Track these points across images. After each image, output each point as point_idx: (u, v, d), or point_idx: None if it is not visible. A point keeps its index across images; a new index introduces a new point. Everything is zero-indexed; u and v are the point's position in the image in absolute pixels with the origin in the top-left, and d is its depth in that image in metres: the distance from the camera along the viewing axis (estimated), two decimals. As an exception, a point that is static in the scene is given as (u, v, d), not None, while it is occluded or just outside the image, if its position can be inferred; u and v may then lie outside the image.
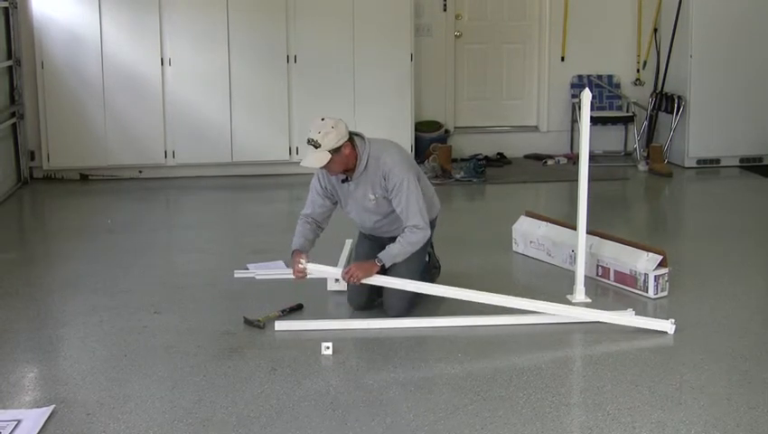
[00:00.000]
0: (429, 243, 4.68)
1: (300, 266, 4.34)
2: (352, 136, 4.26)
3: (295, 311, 4.46)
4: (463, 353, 4.00)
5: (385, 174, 4.27)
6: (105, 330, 4.30)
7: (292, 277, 4.42)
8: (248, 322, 4.30)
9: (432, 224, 4.62)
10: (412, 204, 4.27)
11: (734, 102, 8.21)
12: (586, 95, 4.51)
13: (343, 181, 4.35)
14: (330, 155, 4.15)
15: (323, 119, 4.21)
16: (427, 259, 4.71)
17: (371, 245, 4.56)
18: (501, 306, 4.51)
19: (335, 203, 4.49)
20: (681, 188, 7.91)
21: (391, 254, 4.29)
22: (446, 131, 8.68)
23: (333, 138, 4.14)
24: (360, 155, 4.27)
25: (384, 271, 4.32)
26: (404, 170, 4.29)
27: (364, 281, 4.28)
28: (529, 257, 5.44)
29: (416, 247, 4.32)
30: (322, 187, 4.44)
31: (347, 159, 4.23)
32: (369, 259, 4.43)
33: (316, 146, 4.14)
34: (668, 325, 4.21)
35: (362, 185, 4.33)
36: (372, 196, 4.34)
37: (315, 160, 4.17)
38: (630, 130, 8.89)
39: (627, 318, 4.31)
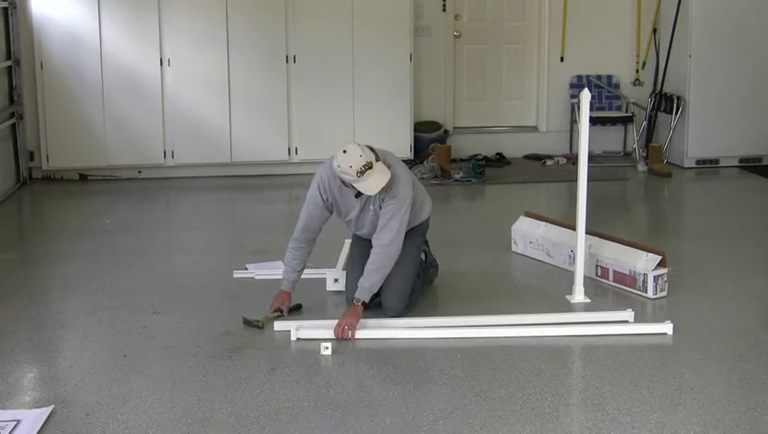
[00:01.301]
0: (425, 242, 4.69)
1: (281, 307, 4.38)
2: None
3: (293, 311, 4.45)
4: (462, 354, 4.00)
5: (388, 187, 4.24)
6: (104, 330, 4.30)
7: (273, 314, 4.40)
8: (247, 322, 4.30)
9: (426, 224, 4.62)
10: (393, 222, 4.24)
11: (733, 102, 8.21)
12: (585, 95, 4.51)
13: (357, 195, 4.30)
14: (382, 162, 4.15)
15: (345, 151, 4.10)
16: (424, 258, 4.71)
17: (367, 245, 4.56)
18: (500, 310, 4.53)
19: (331, 213, 4.49)
20: (681, 188, 7.91)
21: (365, 288, 4.23)
22: (446, 131, 8.68)
23: (370, 152, 4.14)
24: None
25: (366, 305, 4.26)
26: (406, 188, 4.28)
27: (358, 335, 4.15)
28: (529, 257, 5.44)
29: (386, 267, 4.26)
30: (323, 200, 4.38)
31: None
32: (364, 260, 4.45)
33: (371, 167, 4.09)
34: (666, 328, 4.21)
35: (369, 199, 4.33)
36: (372, 208, 4.34)
37: (382, 176, 4.13)
38: (629, 130, 8.89)
39: (625, 327, 4.30)
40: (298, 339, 4.12)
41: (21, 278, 5.14)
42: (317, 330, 4.19)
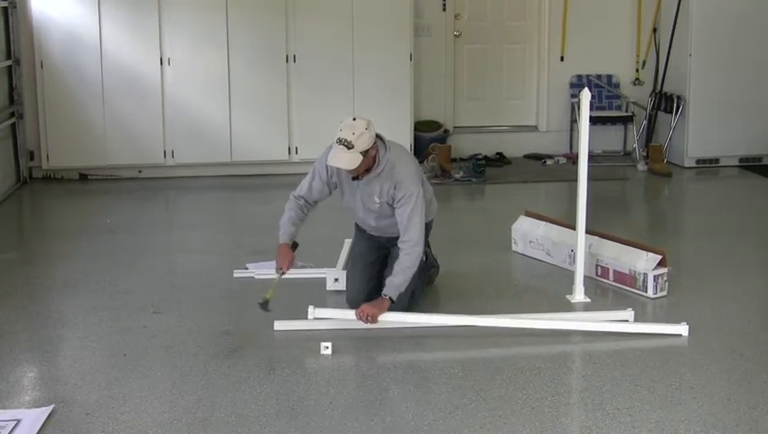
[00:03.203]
0: (425, 243, 4.68)
1: (282, 267, 4.33)
2: (377, 139, 4.24)
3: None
4: (463, 353, 4.00)
5: (396, 184, 4.23)
6: (104, 330, 4.30)
7: (276, 275, 4.38)
8: (262, 306, 4.26)
9: (429, 225, 4.62)
10: (414, 220, 4.23)
11: (733, 102, 8.21)
12: (586, 94, 4.51)
13: (354, 178, 4.30)
14: (362, 157, 4.10)
15: (354, 119, 4.14)
16: (424, 259, 4.70)
17: (369, 245, 4.56)
18: (500, 309, 4.54)
19: (330, 193, 4.48)
20: (681, 188, 7.91)
21: (395, 285, 4.21)
22: (446, 131, 8.68)
23: (367, 140, 4.09)
24: (380, 159, 4.22)
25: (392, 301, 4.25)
26: (415, 184, 4.26)
27: (380, 319, 4.17)
28: (529, 257, 5.44)
29: (415, 267, 4.26)
30: (327, 175, 4.37)
31: (371, 161, 4.19)
32: (366, 259, 4.46)
33: (349, 146, 4.06)
34: (682, 328, 4.20)
35: (371, 187, 4.29)
36: (378, 200, 4.31)
37: (348, 162, 4.09)
38: (629, 130, 8.89)
39: (642, 326, 4.28)
40: (315, 318, 4.18)
41: (21, 278, 5.14)
42: (333, 310, 4.30)
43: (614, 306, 4.57)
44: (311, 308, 4.23)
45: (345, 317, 4.23)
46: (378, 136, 4.24)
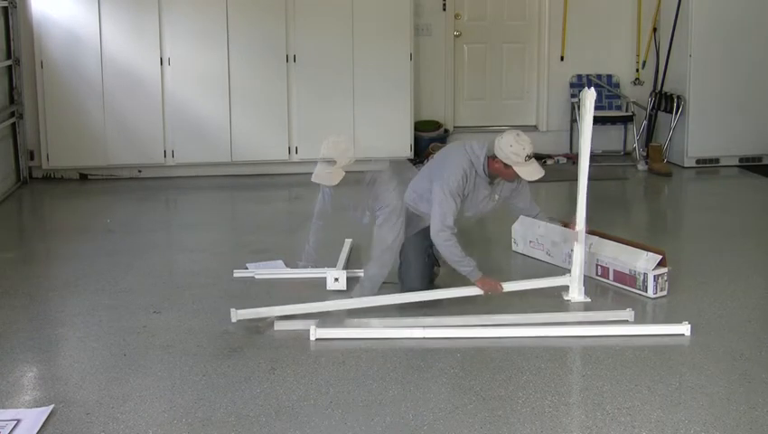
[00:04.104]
0: (429, 243, 4.70)
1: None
2: None
3: None
4: (462, 353, 4.00)
5: (375, 196, 4.42)
6: (104, 330, 4.30)
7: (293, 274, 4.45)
8: None
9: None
10: (383, 229, 4.40)
11: (733, 102, 8.21)
12: (591, 94, 4.51)
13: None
14: (344, 173, 4.24)
15: (336, 137, 4.33)
16: (426, 259, 4.72)
17: None
18: (499, 309, 4.54)
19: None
20: (681, 188, 7.91)
21: (362, 284, 4.42)
22: (446, 131, 8.68)
23: (349, 157, 4.27)
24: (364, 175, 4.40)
25: None
26: (390, 198, 4.41)
27: (359, 334, 4.22)
28: (529, 256, 5.44)
29: (385, 266, 4.41)
30: (328, 189, 4.56)
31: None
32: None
33: (331, 163, 4.22)
34: (684, 328, 4.20)
35: (362, 204, 4.48)
36: (367, 213, 4.51)
37: (331, 177, 4.27)
38: (629, 130, 8.90)
39: (645, 327, 4.29)
40: (317, 339, 4.11)
41: (21, 278, 5.14)
42: (336, 329, 4.22)
43: (614, 306, 4.57)
44: (312, 328, 4.17)
45: (347, 336, 4.17)
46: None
